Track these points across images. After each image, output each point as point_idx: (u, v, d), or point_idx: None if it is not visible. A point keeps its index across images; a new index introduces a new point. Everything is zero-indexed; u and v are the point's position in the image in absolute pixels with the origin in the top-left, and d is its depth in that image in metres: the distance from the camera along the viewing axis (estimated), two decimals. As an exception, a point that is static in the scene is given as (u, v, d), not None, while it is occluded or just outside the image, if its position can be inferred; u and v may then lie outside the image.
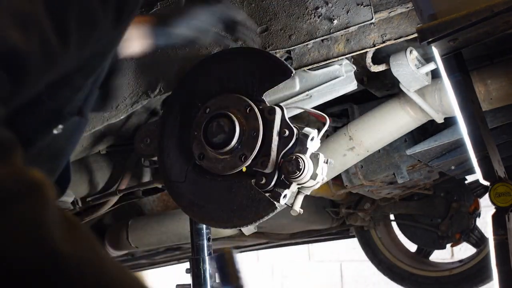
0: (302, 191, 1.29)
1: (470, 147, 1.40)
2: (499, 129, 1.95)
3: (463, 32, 1.03)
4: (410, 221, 3.01)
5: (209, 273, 1.69)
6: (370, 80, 1.87)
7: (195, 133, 1.33)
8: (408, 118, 1.84)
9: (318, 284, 5.37)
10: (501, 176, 1.38)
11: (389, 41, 1.34)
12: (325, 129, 1.35)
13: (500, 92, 1.71)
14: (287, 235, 3.13)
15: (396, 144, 2.16)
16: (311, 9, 1.34)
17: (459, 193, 2.86)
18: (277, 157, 1.25)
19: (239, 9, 1.25)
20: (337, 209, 2.99)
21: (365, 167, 2.24)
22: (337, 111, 2.15)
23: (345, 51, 1.38)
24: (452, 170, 2.34)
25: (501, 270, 1.31)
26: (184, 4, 1.15)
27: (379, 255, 3.12)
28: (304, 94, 1.47)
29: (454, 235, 2.88)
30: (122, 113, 1.54)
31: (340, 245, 4.95)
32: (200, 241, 1.71)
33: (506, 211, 1.34)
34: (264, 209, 1.26)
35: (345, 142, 1.94)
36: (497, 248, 1.32)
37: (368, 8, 1.28)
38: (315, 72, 1.46)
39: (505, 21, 1.01)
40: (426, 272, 3.00)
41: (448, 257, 4.29)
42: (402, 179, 2.22)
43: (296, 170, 1.20)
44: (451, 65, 1.39)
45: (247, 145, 1.26)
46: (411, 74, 1.56)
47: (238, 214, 1.30)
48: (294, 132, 1.25)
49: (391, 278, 3.10)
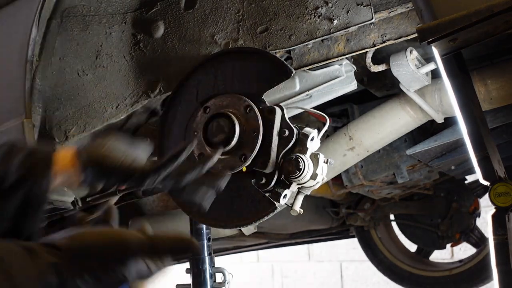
0: (302, 191, 1.29)
1: (470, 147, 1.40)
2: (499, 129, 1.95)
3: (463, 32, 1.03)
4: (410, 221, 3.02)
5: (209, 273, 1.69)
6: (370, 80, 1.87)
7: (195, 133, 1.33)
8: (408, 118, 1.84)
9: (318, 284, 5.37)
10: (501, 176, 1.38)
11: (389, 41, 1.34)
12: (325, 129, 1.35)
13: (500, 92, 1.72)
14: (287, 235, 3.13)
15: (396, 144, 2.16)
16: (311, 9, 1.33)
17: (459, 193, 2.86)
18: (277, 157, 1.25)
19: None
20: (337, 209, 2.99)
21: (365, 167, 2.25)
22: (337, 111, 2.15)
23: (345, 51, 1.38)
24: (452, 170, 2.34)
25: (501, 270, 1.31)
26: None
27: (379, 255, 3.13)
28: (304, 94, 1.47)
29: (454, 235, 2.88)
30: (122, 113, 1.54)
31: (340, 245, 4.95)
32: (200, 241, 1.71)
33: (506, 211, 1.34)
34: (264, 209, 1.26)
35: (345, 142, 1.94)
36: (497, 248, 1.32)
37: (368, 8, 1.28)
38: (315, 72, 1.46)
39: (505, 21, 1.01)
40: (426, 272, 3.01)
41: (448, 257, 4.29)
42: (402, 179, 2.22)
43: (296, 170, 1.20)
44: (451, 65, 1.39)
45: (247, 145, 1.26)
46: (411, 74, 1.56)
47: (238, 214, 1.30)
48: (294, 132, 1.25)
49: (391, 278, 3.10)
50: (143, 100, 1.52)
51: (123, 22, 1.53)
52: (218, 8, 1.44)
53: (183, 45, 1.48)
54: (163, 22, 1.50)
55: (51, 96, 1.57)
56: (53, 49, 1.55)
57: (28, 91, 1.50)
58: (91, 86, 1.56)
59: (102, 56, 1.54)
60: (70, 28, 1.54)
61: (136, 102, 1.53)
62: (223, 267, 1.74)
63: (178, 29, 1.48)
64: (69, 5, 1.52)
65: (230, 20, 1.43)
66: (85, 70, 1.56)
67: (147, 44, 1.52)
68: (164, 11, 1.50)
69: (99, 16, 1.53)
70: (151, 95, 1.51)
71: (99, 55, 1.55)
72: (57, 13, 1.53)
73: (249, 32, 1.41)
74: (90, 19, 1.53)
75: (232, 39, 1.43)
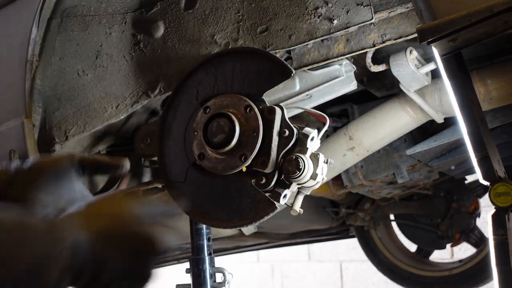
0: (302, 191, 1.29)
1: (470, 147, 1.40)
2: (499, 129, 1.95)
3: (463, 32, 1.03)
4: (410, 221, 3.02)
5: (209, 273, 1.69)
6: (370, 80, 1.87)
7: (195, 133, 1.33)
8: (408, 118, 1.84)
9: (318, 284, 5.37)
10: (501, 176, 1.38)
11: (389, 41, 1.34)
12: (325, 129, 1.35)
13: (500, 92, 1.71)
14: (287, 235, 3.13)
15: (396, 144, 2.16)
16: (311, 9, 1.33)
17: (459, 193, 2.86)
18: (277, 157, 1.25)
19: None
20: (337, 209, 2.99)
21: (365, 167, 2.25)
22: (337, 111, 2.15)
23: (345, 51, 1.38)
24: (452, 170, 2.34)
25: (501, 270, 1.31)
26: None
27: (379, 255, 3.13)
28: (304, 94, 1.47)
29: (454, 235, 2.88)
30: (122, 113, 1.54)
31: (340, 245, 4.95)
32: (200, 241, 1.71)
33: (506, 211, 1.34)
34: (264, 209, 1.26)
35: (345, 142, 1.94)
36: (497, 248, 1.32)
37: (368, 8, 1.28)
38: (315, 72, 1.47)
39: (505, 21, 1.01)
40: (426, 272, 3.01)
41: (448, 257, 4.29)
42: (402, 179, 2.22)
43: (296, 170, 1.20)
44: (451, 65, 1.39)
45: (247, 145, 1.26)
46: (411, 74, 1.56)
47: (238, 214, 1.30)
48: (294, 132, 1.25)
49: (391, 278, 3.10)
50: (143, 100, 1.52)
51: (123, 22, 1.53)
52: (218, 8, 1.44)
53: (183, 45, 1.48)
54: (163, 22, 1.50)
55: (51, 96, 1.57)
56: (53, 49, 1.55)
57: (28, 91, 1.50)
58: (91, 86, 1.56)
59: (102, 56, 1.54)
60: (70, 28, 1.54)
61: (136, 102, 1.53)
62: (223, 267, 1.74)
63: (178, 29, 1.48)
64: (69, 5, 1.52)
65: (230, 20, 1.43)
66: (85, 70, 1.56)
67: (147, 44, 1.52)
68: (164, 11, 1.50)
69: (99, 16, 1.53)
70: (151, 95, 1.51)
71: (99, 55, 1.55)
72: (57, 13, 1.53)
73: (249, 32, 1.41)
74: (90, 19, 1.53)
75: (232, 39, 1.43)
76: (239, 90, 1.33)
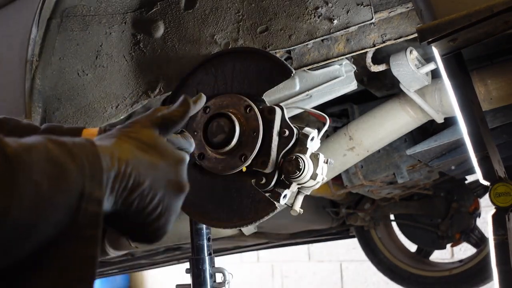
0: (302, 191, 1.29)
1: (470, 147, 1.40)
2: (499, 129, 1.95)
3: (463, 32, 1.03)
4: (410, 221, 3.02)
5: (209, 273, 1.69)
6: (370, 80, 1.87)
7: (195, 133, 1.33)
8: (408, 118, 1.84)
9: (318, 284, 5.37)
10: (501, 176, 1.38)
11: (389, 41, 1.33)
12: (325, 129, 1.35)
13: (500, 92, 1.71)
14: (287, 235, 3.13)
15: (396, 144, 2.16)
16: (311, 9, 1.33)
17: (459, 193, 2.86)
18: (277, 157, 1.25)
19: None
20: (337, 209, 2.99)
21: (365, 167, 2.25)
22: (337, 111, 2.15)
23: (345, 51, 1.38)
24: (452, 170, 2.34)
25: (501, 270, 1.31)
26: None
27: (379, 255, 3.13)
28: (304, 94, 1.47)
29: (454, 235, 2.88)
30: (122, 113, 1.54)
31: (340, 245, 4.95)
32: (200, 241, 1.71)
33: (506, 211, 1.34)
34: (264, 209, 1.26)
35: (345, 142, 1.94)
36: (497, 248, 1.32)
37: (368, 8, 1.28)
38: (315, 72, 1.46)
39: (505, 21, 1.01)
40: (426, 272, 3.01)
41: (448, 257, 4.29)
42: (402, 179, 2.22)
43: (296, 170, 1.20)
44: (451, 65, 1.39)
45: (247, 145, 1.26)
46: (411, 74, 1.56)
47: (238, 214, 1.30)
48: (294, 132, 1.25)
49: (391, 278, 3.10)
50: (143, 100, 1.52)
51: (123, 22, 1.53)
52: (218, 8, 1.44)
53: (183, 45, 1.48)
54: (163, 22, 1.50)
55: (51, 96, 1.57)
56: (53, 49, 1.55)
57: (28, 91, 1.50)
58: (91, 86, 1.56)
59: (102, 56, 1.54)
60: (70, 28, 1.54)
61: (136, 102, 1.53)
62: (223, 267, 1.74)
63: (178, 29, 1.48)
64: (69, 5, 1.52)
65: (230, 20, 1.43)
66: (85, 70, 1.56)
67: (147, 44, 1.52)
68: (164, 11, 1.50)
69: (99, 16, 1.53)
70: (151, 95, 1.51)
71: (99, 55, 1.55)
72: (57, 13, 1.53)
73: (249, 32, 1.41)
74: (90, 19, 1.53)
75: (232, 39, 1.43)
76: (239, 90, 1.33)
